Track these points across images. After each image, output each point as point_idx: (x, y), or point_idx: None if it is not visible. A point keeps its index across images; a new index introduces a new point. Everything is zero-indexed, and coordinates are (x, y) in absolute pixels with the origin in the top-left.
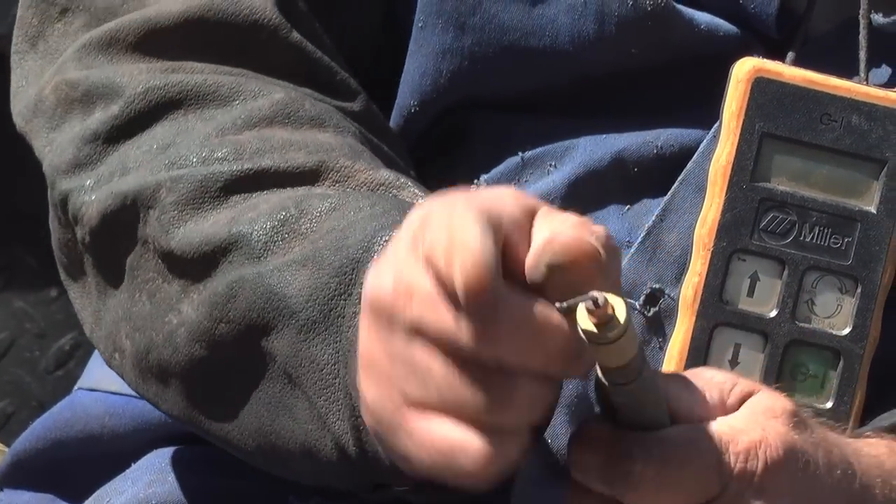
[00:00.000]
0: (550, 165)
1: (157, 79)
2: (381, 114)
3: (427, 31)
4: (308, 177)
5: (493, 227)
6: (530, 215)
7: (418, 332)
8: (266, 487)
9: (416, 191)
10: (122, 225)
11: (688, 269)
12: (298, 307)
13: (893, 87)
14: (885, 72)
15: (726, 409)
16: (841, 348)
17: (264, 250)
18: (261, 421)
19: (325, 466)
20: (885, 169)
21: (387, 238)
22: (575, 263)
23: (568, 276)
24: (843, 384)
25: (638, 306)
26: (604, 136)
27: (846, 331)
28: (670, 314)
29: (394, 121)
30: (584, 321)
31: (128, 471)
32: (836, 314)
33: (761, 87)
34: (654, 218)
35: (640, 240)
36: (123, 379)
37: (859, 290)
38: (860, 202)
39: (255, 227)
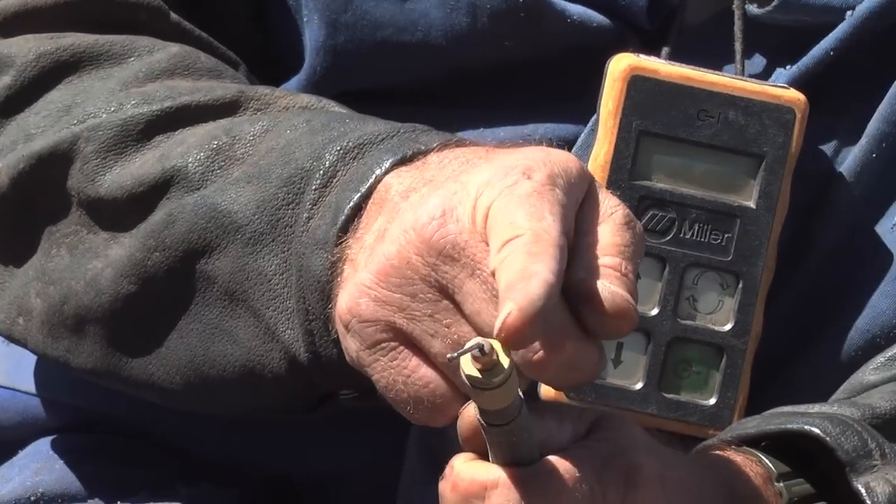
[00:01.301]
0: None
1: (46, 45)
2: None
3: (306, 28)
4: (230, 108)
5: (561, 267)
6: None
7: (452, 296)
8: (153, 474)
9: (341, 108)
10: (37, 184)
11: None
12: (245, 220)
13: (769, 79)
14: (760, 62)
15: (578, 437)
16: (724, 344)
17: (202, 179)
18: (192, 352)
19: (267, 384)
20: (763, 163)
21: (338, 148)
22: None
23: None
24: (727, 380)
25: None
26: (481, 129)
27: (728, 327)
28: None
29: None
30: (469, 367)
31: (14, 458)
32: (717, 310)
33: (637, 86)
34: None
35: None
36: (27, 345)
37: (740, 285)
38: (739, 197)
39: (189, 160)
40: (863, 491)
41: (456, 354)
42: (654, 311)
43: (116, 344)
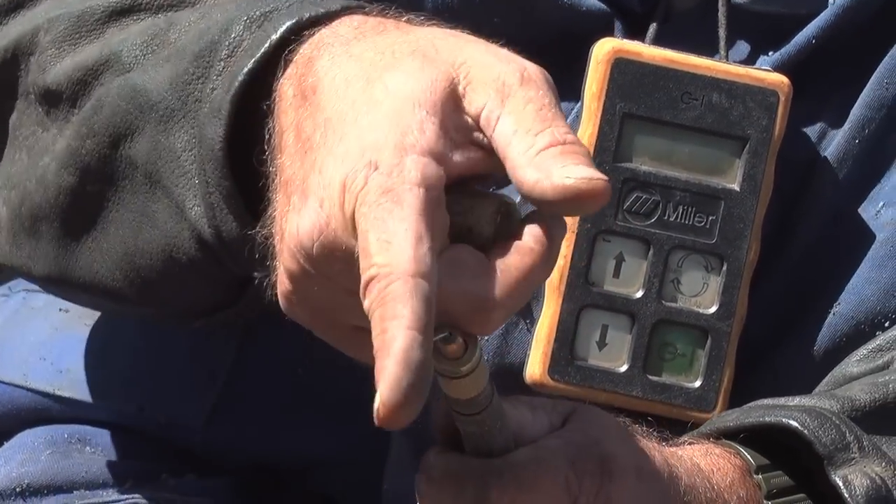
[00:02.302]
0: None
1: None
2: None
3: None
4: (184, 4)
5: (427, 298)
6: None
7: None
8: (139, 465)
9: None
10: (4, 84)
11: None
12: (158, 98)
13: (753, 64)
14: (744, 48)
15: (553, 428)
16: (708, 327)
17: (134, 63)
18: (126, 243)
19: (186, 271)
20: (747, 146)
21: (244, 18)
22: (588, 206)
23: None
24: (712, 362)
25: None
26: None
27: (713, 309)
28: (537, 295)
29: None
30: (436, 357)
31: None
32: (702, 293)
33: (621, 68)
34: (519, 197)
35: None
36: None
37: (725, 268)
38: (723, 180)
39: (126, 45)
40: (840, 484)
41: None
42: (639, 294)
43: (64, 242)
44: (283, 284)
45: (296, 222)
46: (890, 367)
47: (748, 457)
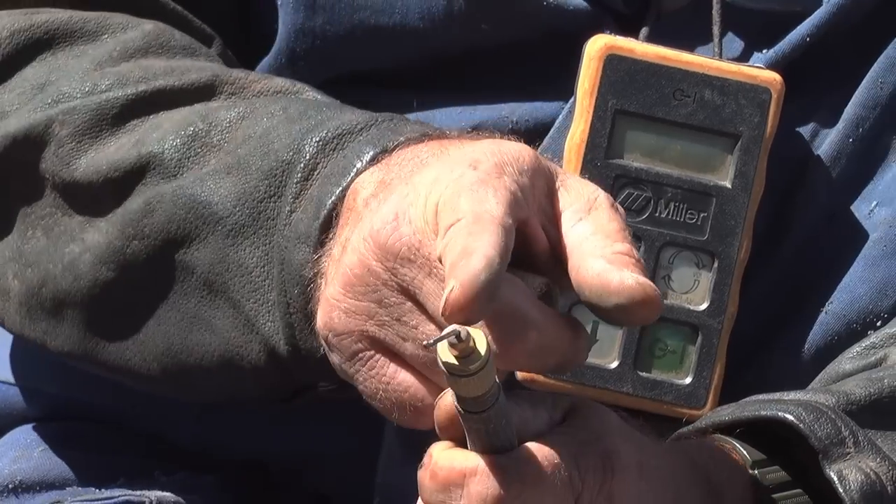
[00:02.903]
0: None
1: (20, 21)
2: (236, 61)
3: (282, 10)
4: (204, 92)
5: (506, 244)
6: (553, 192)
7: (414, 297)
8: (131, 462)
9: (316, 94)
10: (12, 165)
11: None
12: (226, 212)
13: (746, 62)
14: (737, 46)
15: (554, 423)
16: (699, 323)
17: (179, 166)
18: (170, 340)
19: (245, 375)
20: (739, 143)
21: (317, 139)
22: (640, 314)
23: (626, 318)
24: (702, 359)
25: None
26: (459, 110)
27: (704, 306)
28: None
29: None
30: (445, 354)
31: None
32: (693, 289)
33: (613, 65)
34: None
35: None
36: (4, 324)
37: (716, 264)
38: (715, 177)
39: (166, 146)
40: (835, 478)
41: (433, 341)
42: None
43: (94, 329)
44: (330, 290)
45: (369, 219)
46: (884, 364)
47: (744, 452)
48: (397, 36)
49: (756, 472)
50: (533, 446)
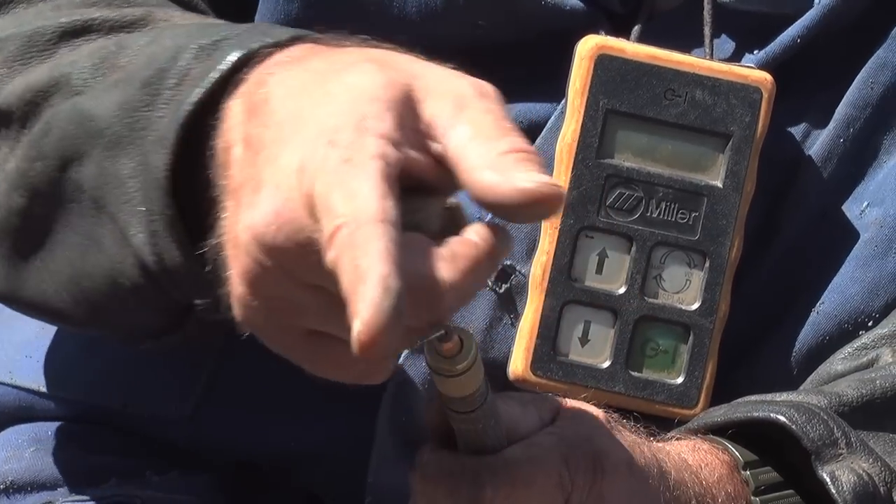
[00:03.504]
0: None
1: None
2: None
3: (271, 1)
4: (136, 25)
5: (395, 241)
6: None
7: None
8: (123, 462)
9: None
10: None
11: (536, 247)
12: (105, 124)
13: (737, 62)
14: (729, 47)
15: (544, 424)
16: (691, 323)
17: (83, 86)
18: (72, 265)
19: (128, 295)
20: (731, 143)
21: (194, 46)
22: (542, 211)
23: (530, 217)
24: (694, 359)
25: (489, 283)
26: None
27: (695, 306)
28: (521, 291)
29: None
30: (432, 355)
31: None
32: (685, 289)
33: (604, 64)
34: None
35: (490, 216)
36: None
37: (707, 264)
38: (706, 176)
39: (76, 67)
40: (827, 479)
41: (419, 342)
42: (622, 290)
43: (14, 261)
44: (236, 289)
45: (250, 214)
46: (876, 365)
47: (736, 453)
48: (394, 29)
49: (748, 472)
50: (522, 446)
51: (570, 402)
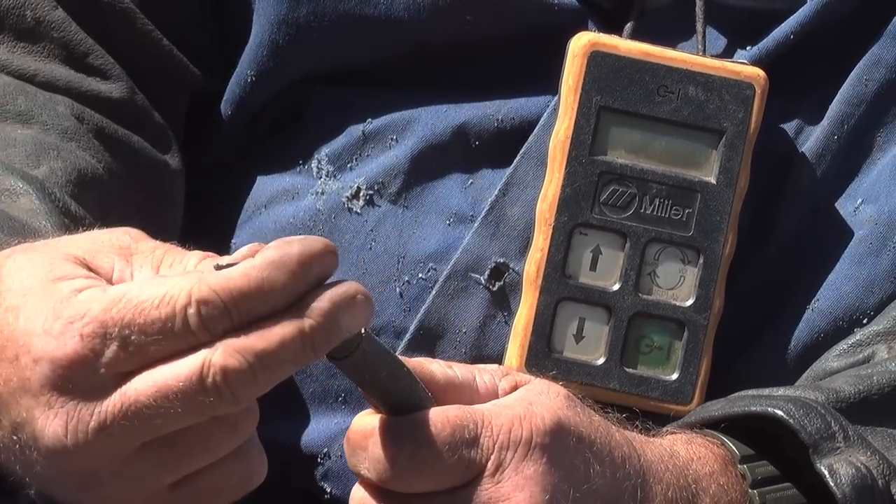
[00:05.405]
0: (392, 139)
1: None
2: (147, 104)
3: (264, 1)
4: None
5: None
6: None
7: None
8: None
9: (36, 201)
10: None
11: (531, 244)
12: None
13: (729, 58)
14: (721, 43)
15: (496, 395)
16: (685, 319)
17: None
18: None
19: None
20: (724, 139)
21: None
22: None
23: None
24: (689, 355)
25: (483, 281)
26: (444, 108)
27: (690, 302)
28: (515, 288)
29: (230, 92)
30: None
31: None
32: (679, 285)
33: (597, 61)
34: (496, 192)
35: (483, 214)
36: None
37: (701, 260)
38: (700, 173)
39: None
40: (826, 472)
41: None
42: (616, 286)
43: None
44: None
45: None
46: (871, 361)
47: (732, 447)
48: (382, 27)
49: (745, 466)
50: (436, 410)
51: (536, 381)
